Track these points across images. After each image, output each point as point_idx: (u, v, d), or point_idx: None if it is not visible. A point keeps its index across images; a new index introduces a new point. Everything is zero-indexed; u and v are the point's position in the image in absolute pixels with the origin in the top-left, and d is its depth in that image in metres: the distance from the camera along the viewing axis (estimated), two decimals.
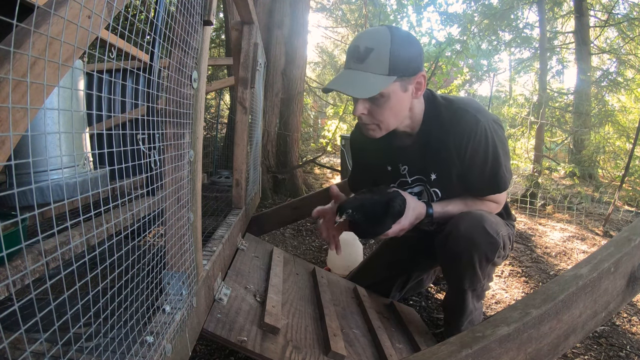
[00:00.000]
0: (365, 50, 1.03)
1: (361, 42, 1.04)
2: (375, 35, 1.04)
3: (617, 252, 0.85)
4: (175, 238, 0.72)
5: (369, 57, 1.03)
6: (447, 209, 1.21)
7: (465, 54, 5.02)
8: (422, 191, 1.26)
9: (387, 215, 1.10)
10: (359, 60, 1.04)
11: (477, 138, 1.10)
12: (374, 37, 1.04)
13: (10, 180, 1.11)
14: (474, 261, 1.11)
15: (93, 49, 1.75)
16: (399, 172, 1.28)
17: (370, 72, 1.03)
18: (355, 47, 1.05)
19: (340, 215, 1.08)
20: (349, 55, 1.07)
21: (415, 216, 1.17)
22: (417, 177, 1.25)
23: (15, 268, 0.64)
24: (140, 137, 0.60)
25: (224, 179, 2.69)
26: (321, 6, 8.12)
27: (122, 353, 0.54)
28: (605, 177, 5.29)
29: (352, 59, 1.05)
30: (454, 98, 1.18)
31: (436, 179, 1.21)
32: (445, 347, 0.71)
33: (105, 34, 1.64)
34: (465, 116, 1.12)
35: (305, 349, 0.97)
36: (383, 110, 1.08)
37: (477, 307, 1.25)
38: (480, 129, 1.10)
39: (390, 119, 1.11)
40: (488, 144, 1.11)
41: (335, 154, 6.09)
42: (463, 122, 1.11)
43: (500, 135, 1.14)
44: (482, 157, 1.12)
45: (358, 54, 1.04)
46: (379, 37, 1.03)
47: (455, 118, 1.12)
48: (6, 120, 0.35)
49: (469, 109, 1.12)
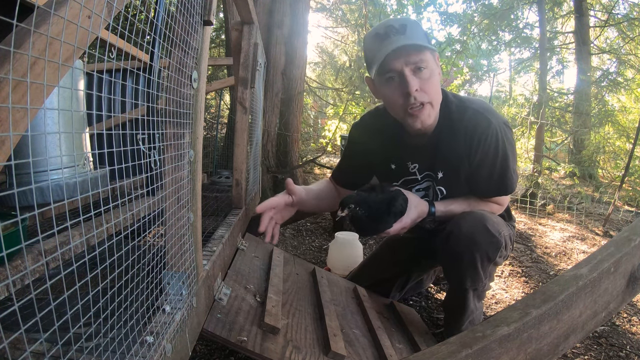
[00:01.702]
0: (401, 26, 1.05)
1: (392, 22, 1.06)
2: (401, 19, 1.10)
3: (617, 252, 0.85)
4: (175, 238, 0.72)
5: (407, 28, 1.04)
6: (449, 207, 1.21)
7: (465, 54, 5.02)
8: (430, 187, 1.26)
9: (389, 213, 1.10)
10: (399, 32, 1.04)
11: (489, 140, 1.10)
12: (401, 18, 1.10)
13: (10, 180, 1.11)
14: (476, 261, 1.11)
15: (93, 49, 1.75)
16: (407, 170, 1.27)
17: (414, 40, 1.03)
18: (389, 27, 1.05)
19: (343, 209, 1.08)
20: (383, 33, 1.06)
21: (418, 214, 1.16)
22: (427, 174, 1.25)
23: (15, 268, 0.64)
24: (140, 137, 0.60)
25: (224, 179, 2.69)
26: (321, 6, 8.11)
27: (122, 353, 0.54)
28: (605, 177, 5.29)
29: (391, 34, 1.04)
30: (464, 97, 1.18)
31: (443, 177, 1.21)
32: (445, 347, 0.70)
33: (105, 34, 1.64)
34: (476, 117, 1.11)
35: (305, 349, 0.97)
36: (431, 85, 1.08)
37: (478, 307, 1.25)
38: (491, 131, 1.10)
39: (437, 96, 1.11)
40: (498, 146, 1.11)
41: (335, 154, 6.09)
42: (474, 123, 1.11)
43: (510, 138, 1.14)
44: (492, 159, 1.12)
45: (395, 29, 1.04)
46: (405, 19, 1.10)
47: (466, 118, 1.12)
48: (6, 120, 0.34)
49: (480, 110, 1.12)
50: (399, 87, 1.07)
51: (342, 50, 9.16)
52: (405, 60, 1.03)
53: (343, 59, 8.83)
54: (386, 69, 1.06)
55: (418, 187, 1.28)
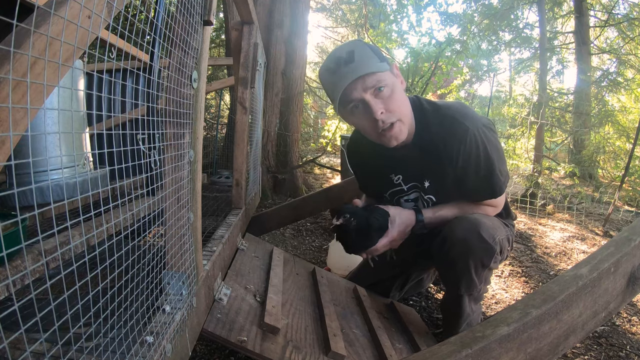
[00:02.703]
0: (348, 53, 1.02)
1: (339, 53, 1.03)
2: (347, 45, 1.05)
3: (617, 252, 0.85)
4: (175, 238, 0.72)
5: (354, 54, 1.01)
6: (439, 213, 1.20)
7: (465, 54, 5.02)
8: (418, 197, 1.26)
9: (370, 229, 1.12)
10: (347, 61, 1.01)
11: (467, 146, 1.08)
12: (347, 44, 1.06)
13: (10, 180, 1.11)
14: (470, 267, 1.10)
15: (93, 49, 1.75)
16: (392, 182, 1.28)
17: (364, 64, 1.01)
18: (338, 58, 1.03)
19: (338, 218, 1.10)
20: (334, 67, 1.03)
21: (404, 224, 1.17)
22: (413, 184, 1.25)
23: (15, 268, 0.64)
24: (140, 137, 0.60)
25: (224, 179, 2.69)
26: (321, 6, 8.12)
27: (122, 353, 0.54)
28: (605, 177, 5.29)
29: (341, 65, 1.02)
30: (440, 103, 1.16)
31: (430, 186, 1.20)
32: (445, 347, 0.71)
33: (105, 34, 1.64)
34: (453, 124, 1.10)
35: (305, 349, 0.97)
36: (395, 101, 1.05)
37: (475, 310, 1.25)
38: (469, 137, 1.08)
39: (405, 110, 1.09)
40: (479, 150, 1.09)
41: (335, 154, 6.09)
42: (452, 130, 1.09)
43: (492, 140, 1.11)
44: (475, 164, 1.10)
45: (344, 60, 1.02)
46: (352, 44, 1.05)
47: (443, 126, 1.11)
48: (6, 120, 0.35)
49: (456, 116, 1.10)
50: (364, 114, 1.06)
51: None
52: (362, 87, 1.02)
53: None
54: (347, 100, 1.05)
55: (406, 198, 1.27)
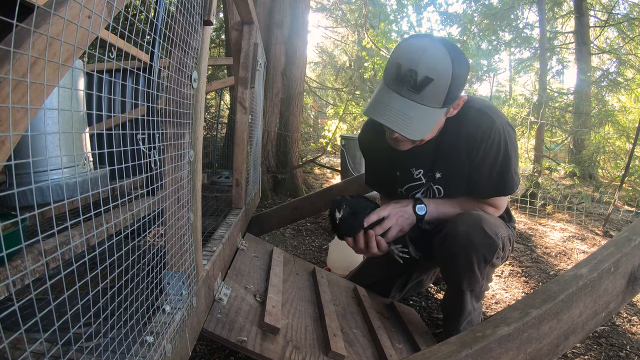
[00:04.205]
0: (424, 80, 0.93)
1: (420, 67, 0.93)
2: (438, 64, 0.93)
3: (617, 252, 0.85)
4: (175, 238, 0.72)
5: (427, 88, 0.94)
6: (440, 206, 1.21)
7: (465, 54, 5.01)
8: (428, 188, 1.27)
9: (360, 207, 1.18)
10: (414, 88, 0.94)
11: (491, 140, 1.09)
12: (436, 65, 0.93)
13: (10, 180, 1.11)
14: (472, 262, 1.10)
15: (93, 49, 1.75)
16: (412, 176, 1.27)
17: (425, 105, 0.96)
18: (411, 72, 0.93)
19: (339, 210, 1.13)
20: (401, 77, 0.95)
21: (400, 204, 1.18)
22: (429, 175, 1.26)
23: (15, 268, 0.64)
24: (140, 137, 0.60)
25: (224, 179, 2.69)
26: (321, 6, 8.12)
27: (122, 353, 0.54)
28: (605, 177, 5.29)
29: (406, 84, 0.95)
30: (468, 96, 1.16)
31: (441, 177, 1.21)
32: (445, 347, 0.71)
33: (105, 34, 1.64)
34: (480, 116, 1.10)
35: (305, 349, 0.97)
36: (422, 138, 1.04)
37: (476, 308, 1.25)
38: (494, 131, 1.08)
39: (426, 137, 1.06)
40: (500, 146, 1.10)
41: (335, 154, 6.09)
42: (477, 122, 1.10)
43: (513, 139, 1.13)
44: (493, 159, 1.11)
45: (414, 82, 0.93)
46: (441, 66, 0.93)
47: (468, 118, 1.11)
48: (6, 120, 0.35)
49: (484, 109, 1.11)
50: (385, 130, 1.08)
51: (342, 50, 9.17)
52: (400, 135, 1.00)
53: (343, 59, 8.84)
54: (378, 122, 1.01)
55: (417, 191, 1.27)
